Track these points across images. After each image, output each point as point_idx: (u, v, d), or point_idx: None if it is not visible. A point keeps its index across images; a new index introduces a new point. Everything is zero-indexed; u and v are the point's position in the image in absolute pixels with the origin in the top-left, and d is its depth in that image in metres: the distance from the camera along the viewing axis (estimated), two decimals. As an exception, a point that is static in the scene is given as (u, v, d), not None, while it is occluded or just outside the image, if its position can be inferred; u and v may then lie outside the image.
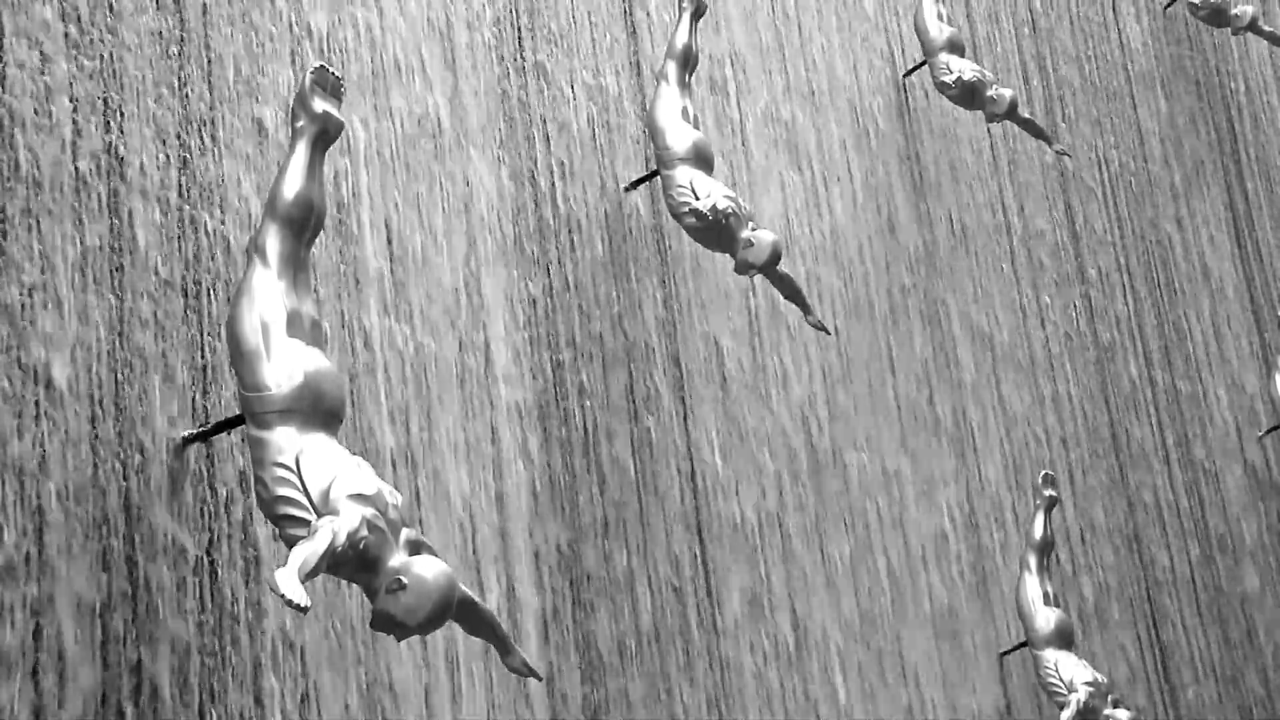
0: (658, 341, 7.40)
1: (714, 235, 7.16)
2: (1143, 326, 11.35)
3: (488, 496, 6.27)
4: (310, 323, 4.81)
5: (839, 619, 7.91)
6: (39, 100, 4.93)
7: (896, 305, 9.16)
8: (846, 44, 9.52)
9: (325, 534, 4.34)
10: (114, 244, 5.04)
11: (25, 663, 4.44)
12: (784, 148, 8.72)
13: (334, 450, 4.63)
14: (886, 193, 9.41)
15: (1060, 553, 9.46)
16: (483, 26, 7.05)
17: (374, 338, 5.99)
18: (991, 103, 9.56)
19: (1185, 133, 12.66)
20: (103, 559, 4.71)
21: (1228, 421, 11.74)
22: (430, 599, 4.46)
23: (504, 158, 6.90)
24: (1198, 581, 10.80)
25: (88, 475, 4.73)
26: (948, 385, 9.32)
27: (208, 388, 5.22)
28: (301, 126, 4.91)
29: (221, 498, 5.13)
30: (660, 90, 7.40)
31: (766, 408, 7.94)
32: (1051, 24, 11.65)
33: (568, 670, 6.37)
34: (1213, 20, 12.65)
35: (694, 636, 7.02)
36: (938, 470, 8.99)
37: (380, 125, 6.33)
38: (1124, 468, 10.58)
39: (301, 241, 4.87)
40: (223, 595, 5.04)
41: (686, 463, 7.32)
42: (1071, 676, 8.28)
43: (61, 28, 5.07)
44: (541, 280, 6.87)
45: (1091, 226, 11.23)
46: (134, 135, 5.22)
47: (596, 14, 7.73)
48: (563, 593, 6.45)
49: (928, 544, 8.71)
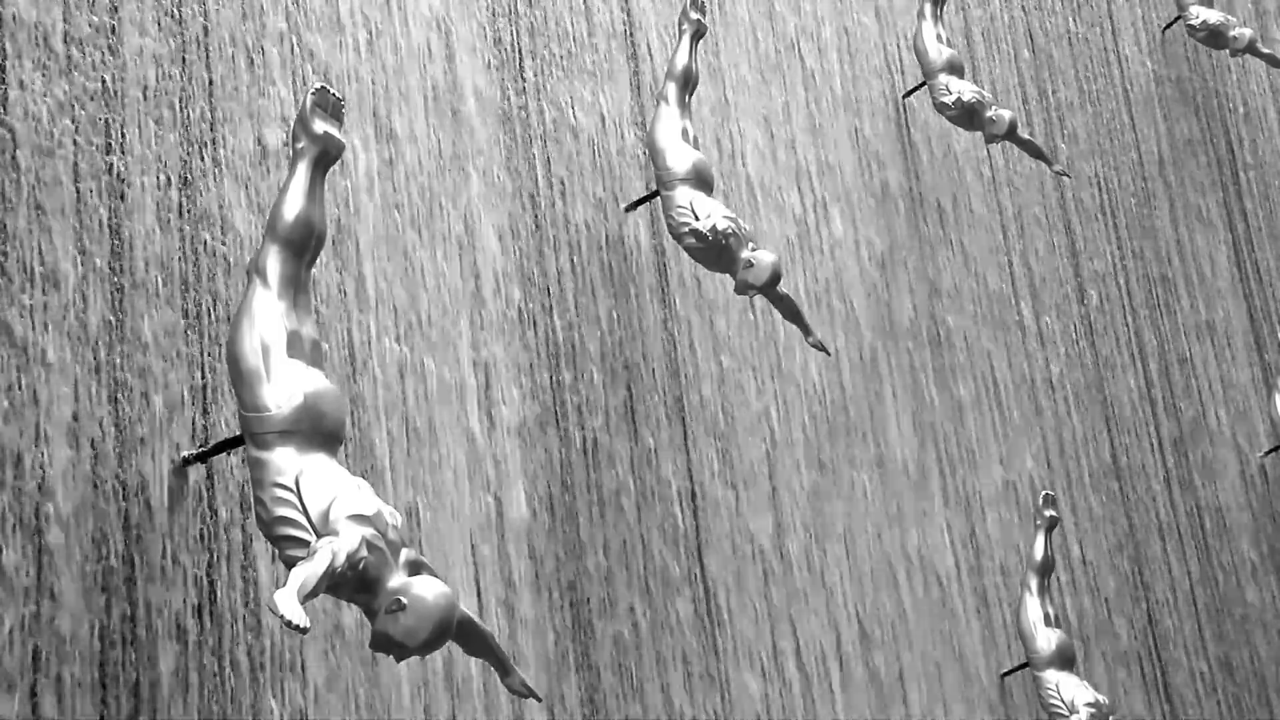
0: (657, 361, 7.40)
1: (714, 256, 7.17)
2: (1142, 347, 11.35)
3: (487, 516, 6.26)
4: (310, 343, 4.82)
5: (839, 639, 7.90)
6: (40, 121, 4.94)
7: (896, 326, 9.16)
8: (846, 65, 9.54)
9: (325, 555, 4.34)
10: (114, 264, 5.05)
11: (24, 684, 4.44)
12: (784, 169, 8.74)
13: (334, 471, 4.63)
14: (886, 214, 9.42)
15: (1061, 573, 9.45)
16: (484, 48, 7.07)
17: (374, 358, 6.00)
18: (991, 124, 9.58)
19: (1184, 153, 12.68)
20: (102, 580, 4.70)
21: (1228, 442, 11.74)
22: (430, 620, 4.45)
23: (504, 178, 6.91)
24: (1199, 602, 10.79)
25: (87, 496, 4.73)
26: (948, 405, 9.32)
27: (208, 408, 5.22)
28: (302, 148, 4.92)
29: (221, 519, 5.13)
30: (660, 111, 7.41)
31: (766, 427, 7.94)
32: (1050, 45, 11.68)
33: (567, 691, 6.36)
34: (1211, 42, 12.67)
35: (694, 657, 7.01)
36: (938, 490, 8.99)
37: (381, 146, 6.34)
38: (1124, 488, 10.57)
39: (302, 262, 4.87)
40: (222, 616, 5.04)
41: (686, 482, 7.32)
42: (1073, 697, 8.27)
43: (63, 49, 5.09)
44: (541, 300, 6.88)
45: (1091, 247, 11.24)
46: (135, 156, 5.23)
47: (597, 35, 7.75)
48: (562, 613, 6.44)
49: (928, 564, 8.70)
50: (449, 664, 5.81)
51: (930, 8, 9.78)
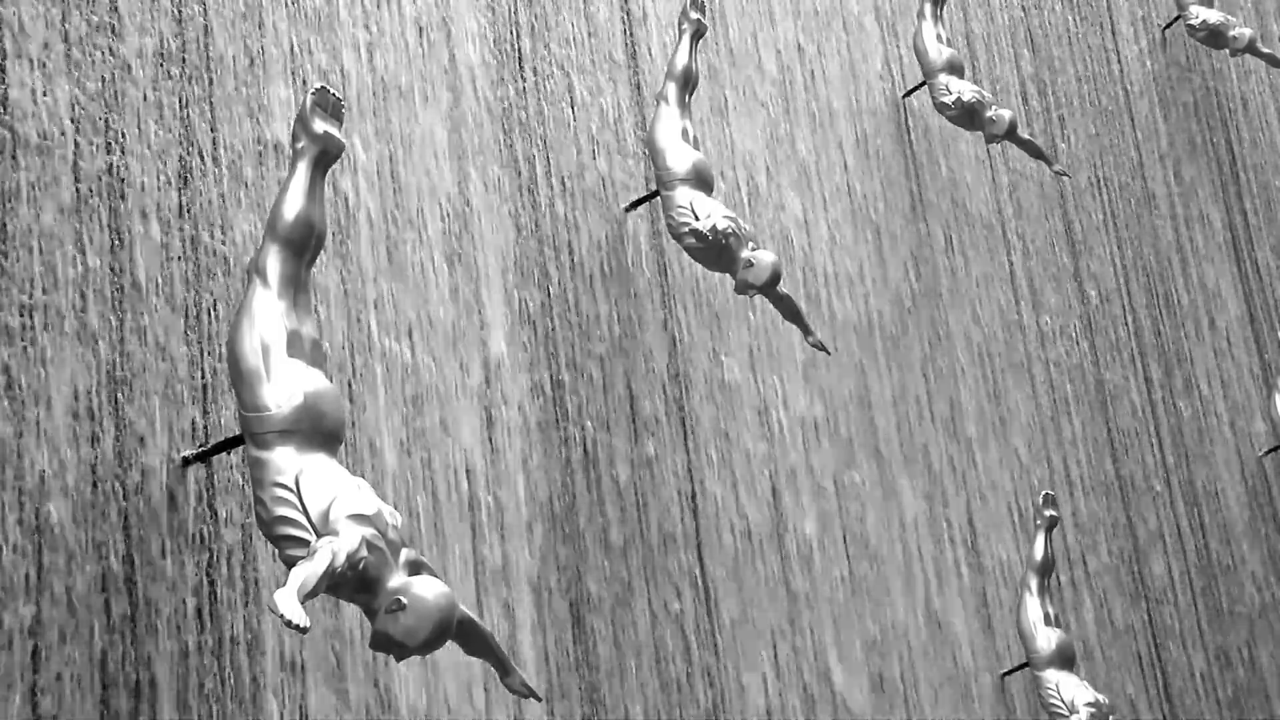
0: (658, 362, 7.40)
1: (714, 256, 7.17)
2: (1143, 347, 11.35)
3: (488, 516, 6.26)
4: (310, 343, 4.81)
5: (839, 640, 7.89)
6: (40, 121, 4.94)
7: (896, 325, 9.16)
8: (846, 65, 9.54)
9: (325, 554, 4.34)
10: (114, 264, 5.05)
11: (24, 684, 4.43)
12: (783, 168, 8.74)
13: (334, 470, 4.63)
14: (886, 213, 9.42)
15: (1061, 573, 9.45)
16: (483, 47, 7.06)
17: (374, 358, 5.99)
18: (991, 123, 9.57)
19: (1184, 153, 12.68)
20: (102, 580, 4.70)
21: (1228, 442, 11.73)
22: (430, 619, 4.46)
23: (504, 178, 6.91)
24: (1199, 602, 10.79)
25: (87, 496, 4.73)
26: (947, 405, 9.31)
27: (208, 408, 5.22)
28: (302, 147, 4.92)
29: (221, 518, 5.13)
30: (660, 111, 7.41)
31: (766, 428, 7.94)
32: (1050, 45, 11.68)
33: (567, 690, 6.35)
34: (1211, 41, 12.67)
35: (694, 656, 7.01)
36: (938, 490, 8.99)
37: (380, 145, 6.34)
38: (1124, 488, 10.57)
39: (302, 262, 4.87)
40: (222, 616, 5.04)
41: (687, 483, 7.32)
42: (1073, 697, 8.27)
43: (63, 49, 5.09)
44: (541, 300, 6.88)
45: (1091, 247, 11.24)
46: (134, 156, 5.23)
47: (596, 34, 7.75)
48: (562, 613, 6.44)
49: (928, 564, 8.70)
50: (450, 664, 5.80)
51: (930, 8, 9.78)
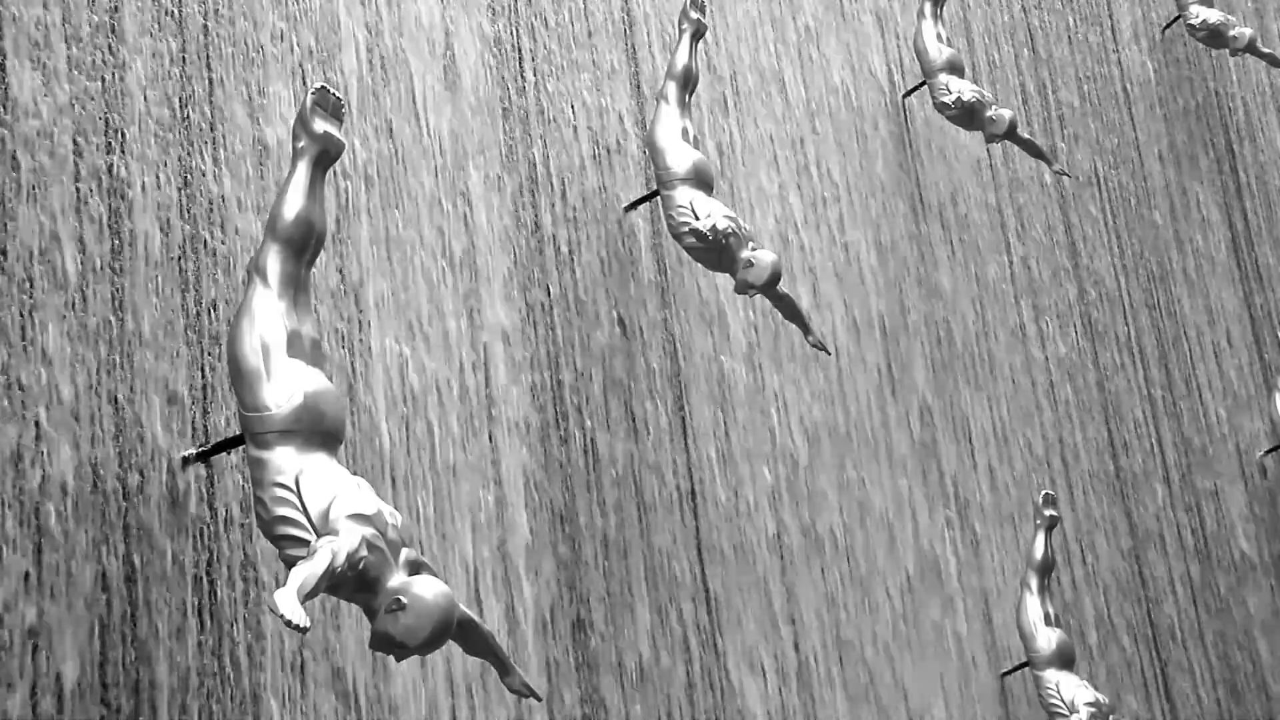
0: (657, 361, 7.40)
1: (714, 255, 7.17)
2: (1142, 346, 11.35)
3: (488, 516, 6.26)
4: (311, 343, 4.82)
5: (840, 639, 7.90)
6: (41, 120, 4.94)
7: (896, 325, 9.17)
8: (846, 64, 9.54)
9: (325, 554, 4.34)
10: (115, 264, 5.05)
11: (24, 683, 4.43)
12: (783, 168, 8.74)
13: (334, 470, 4.63)
14: (886, 213, 9.42)
15: (1061, 573, 9.45)
16: (483, 47, 7.07)
17: (374, 358, 6.00)
18: (991, 123, 9.58)
19: (1184, 153, 12.68)
20: (102, 579, 4.70)
21: (1228, 441, 11.74)
22: (430, 619, 4.46)
23: (504, 178, 6.91)
24: (1199, 601, 10.79)
25: (87, 495, 4.73)
26: (947, 405, 9.31)
27: (208, 408, 5.22)
28: (302, 147, 4.92)
29: (221, 518, 5.13)
30: (660, 110, 7.41)
31: (766, 427, 7.94)
32: (1051, 45, 11.68)
33: (567, 691, 6.36)
34: (1211, 41, 12.68)
35: (694, 657, 7.01)
36: (938, 490, 8.99)
37: (380, 145, 6.34)
38: (1124, 487, 10.57)
39: (302, 262, 4.88)
40: (222, 616, 5.04)
41: (686, 482, 7.32)
42: (1073, 697, 8.27)
43: (64, 49, 5.09)
44: (541, 300, 6.88)
45: (1091, 247, 11.24)
46: (135, 155, 5.23)
47: (597, 35, 7.75)
48: (562, 613, 6.44)
49: (928, 563, 8.70)
50: (450, 664, 5.81)
51: (930, 7, 9.79)
